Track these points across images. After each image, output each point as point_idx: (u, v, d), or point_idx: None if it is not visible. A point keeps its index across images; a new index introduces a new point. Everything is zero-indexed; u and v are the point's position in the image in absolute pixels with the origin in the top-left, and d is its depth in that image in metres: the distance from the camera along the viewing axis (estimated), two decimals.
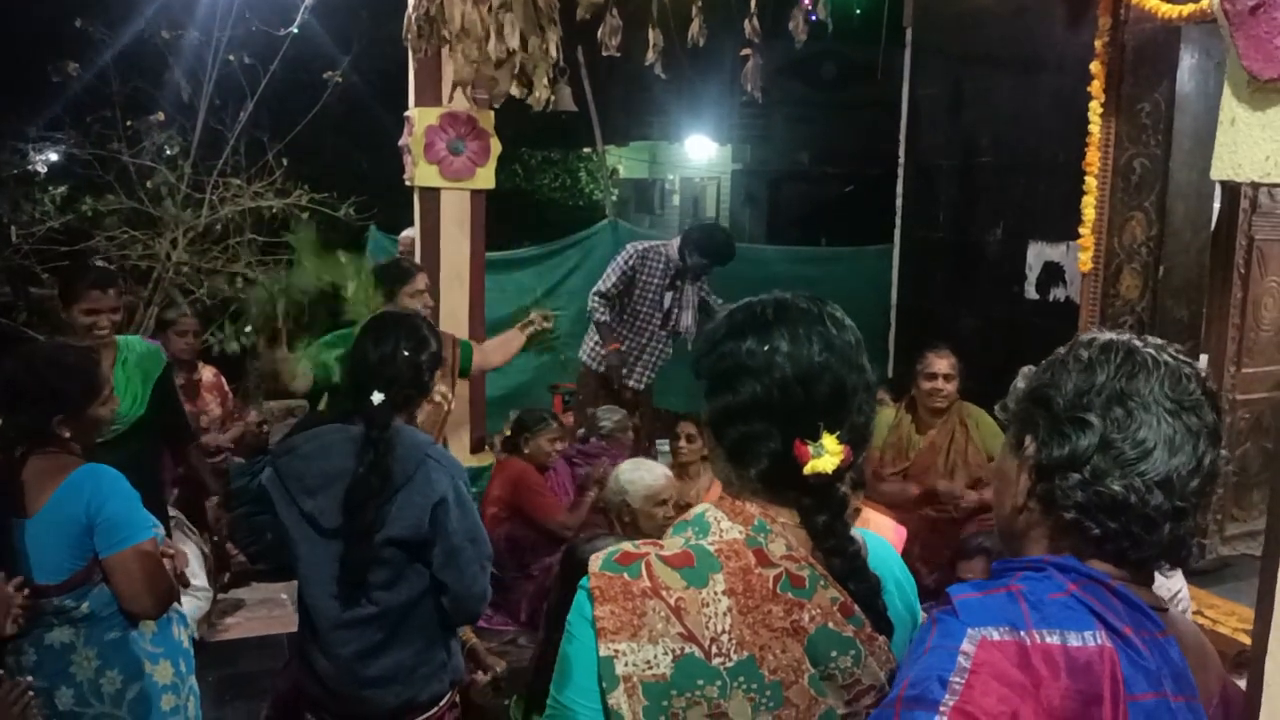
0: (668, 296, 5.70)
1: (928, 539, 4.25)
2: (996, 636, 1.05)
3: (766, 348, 1.26)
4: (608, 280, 5.62)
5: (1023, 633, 1.05)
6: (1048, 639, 1.05)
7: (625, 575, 1.20)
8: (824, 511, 1.26)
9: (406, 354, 2.46)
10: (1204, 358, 4.37)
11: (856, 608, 1.24)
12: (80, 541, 2.38)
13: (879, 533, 4.21)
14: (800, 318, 1.28)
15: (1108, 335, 1.20)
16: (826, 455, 1.22)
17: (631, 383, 5.78)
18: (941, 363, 4.52)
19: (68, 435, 2.45)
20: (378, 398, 2.37)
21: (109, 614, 2.44)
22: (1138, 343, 1.18)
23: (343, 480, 2.34)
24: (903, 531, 4.04)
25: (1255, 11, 1.01)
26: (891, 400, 5.07)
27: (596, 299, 5.61)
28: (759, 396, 1.25)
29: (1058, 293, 5.48)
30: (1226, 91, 1.10)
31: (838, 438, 1.23)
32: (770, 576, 1.21)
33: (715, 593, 1.19)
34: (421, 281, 4.10)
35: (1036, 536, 1.21)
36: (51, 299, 6.14)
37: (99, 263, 3.89)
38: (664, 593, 1.18)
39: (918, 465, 4.55)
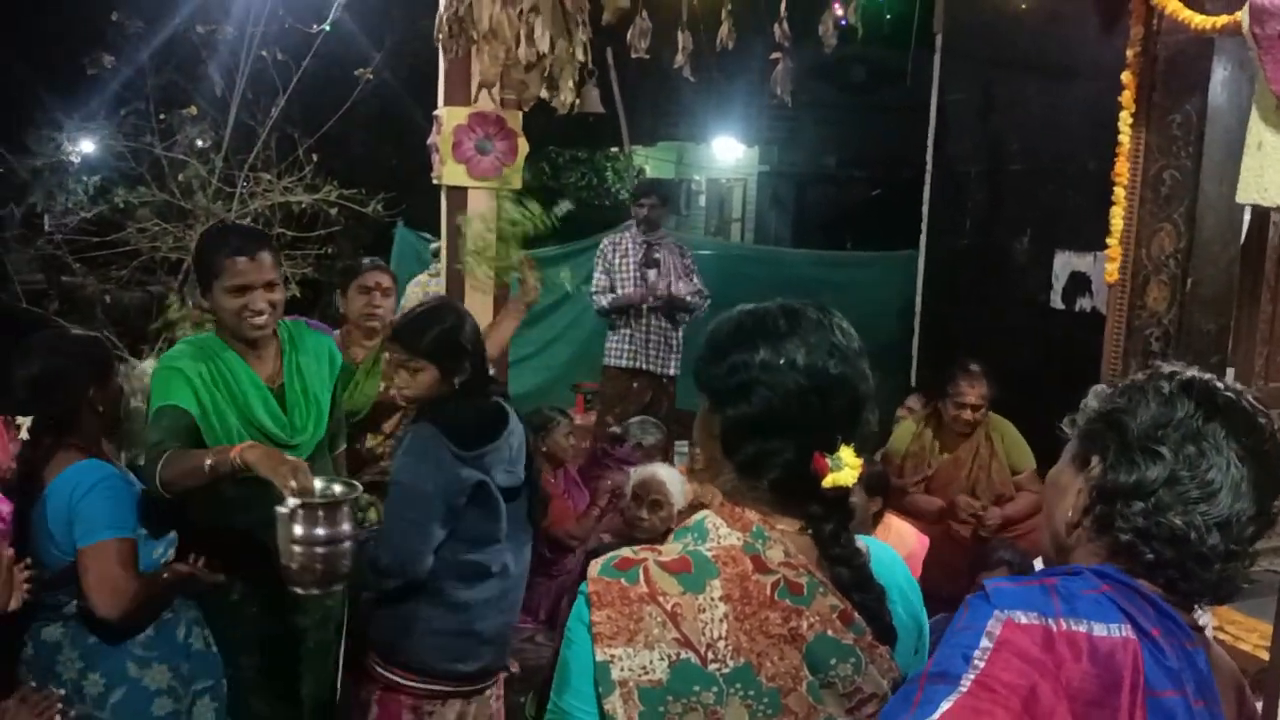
0: (650, 274, 5.90)
1: (948, 551, 4.21)
2: (1024, 620, 1.08)
3: (782, 360, 1.25)
4: (595, 281, 6.01)
5: (1050, 620, 1.08)
6: (1074, 627, 1.08)
7: (623, 580, 1.21)
8: (831, 520, 1.27)
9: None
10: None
11: (857, 615, 1.24)
12: (65, 534, 2.33)
13: (901, 540, 4.19)
14: (813, 328, 1.27)
15: (1190, 372, 1.22)
16: (846, 469, 1.23)
17: (652, 367, 5.95)
18: (973, 394, 4.38)
19: (87, 423, 2.44)
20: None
21: (93, 614, 2.35)
22: (1218, 385, 1.19)
23: (519, 441, 2.60)
24: (925, 540, 4.01)
25: None
26: (922, 410, 5.00)
27: (595, 297, 5.98)
28: (775, 410, 1.25)
29: (1084, 303, 5.44)
30: (1254, 115, 1.10)
31: (854, 449, 1.24)
32: (768, 583, 1.22)
33: (712, 599, 1.20)
34: (371, 279, 3.67)
35: (1086, 553, 1.22)
36: (83, 288, 6.23)
37: (239, 220, 2.93)
38: (660, 598, 1.19)
39: (939, 478, 4.48)
